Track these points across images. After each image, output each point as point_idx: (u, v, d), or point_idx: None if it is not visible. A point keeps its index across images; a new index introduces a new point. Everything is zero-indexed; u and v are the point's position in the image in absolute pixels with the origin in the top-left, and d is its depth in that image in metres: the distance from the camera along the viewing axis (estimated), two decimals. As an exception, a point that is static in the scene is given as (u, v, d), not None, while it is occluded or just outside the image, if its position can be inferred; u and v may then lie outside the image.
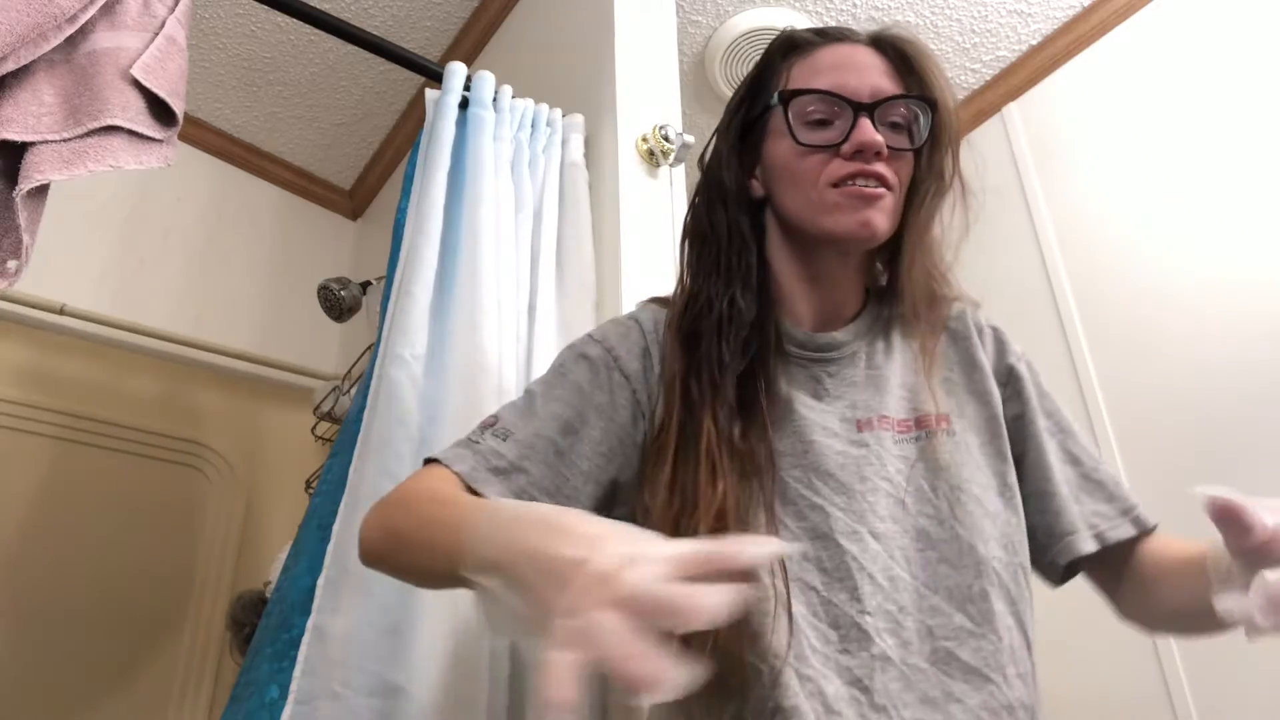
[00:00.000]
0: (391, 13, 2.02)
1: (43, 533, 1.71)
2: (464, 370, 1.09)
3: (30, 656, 1.63)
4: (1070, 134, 1.96)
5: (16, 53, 0.91)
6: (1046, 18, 2.01)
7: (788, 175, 0.77)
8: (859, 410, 0.75)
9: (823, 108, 0.75)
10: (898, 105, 0.75)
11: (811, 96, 0.75)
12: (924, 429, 0.75)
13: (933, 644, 0.66)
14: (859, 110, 0.73)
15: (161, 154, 1.02)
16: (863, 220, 0.73)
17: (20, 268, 0.94)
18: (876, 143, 0.72)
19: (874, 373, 0.78)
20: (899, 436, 0.75)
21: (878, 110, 0.74)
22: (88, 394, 1.87)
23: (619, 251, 1.27)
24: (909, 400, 0.77)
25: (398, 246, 1.24)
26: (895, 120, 0.76)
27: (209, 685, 1.81)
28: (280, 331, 2.23)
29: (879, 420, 0.75)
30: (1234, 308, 1.57)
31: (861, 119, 0.73)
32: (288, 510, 2.02)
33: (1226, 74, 1.72)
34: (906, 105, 0.76)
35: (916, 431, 0.75)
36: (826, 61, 0.77)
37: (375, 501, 0.72)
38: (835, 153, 0.74)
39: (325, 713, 0.85)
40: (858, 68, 0.76)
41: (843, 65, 0.76)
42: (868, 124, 0.73)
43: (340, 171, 2.51)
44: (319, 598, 0.93)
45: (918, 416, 0.76)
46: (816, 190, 0.74)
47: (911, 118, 0.76)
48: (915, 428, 0.75)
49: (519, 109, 1.38)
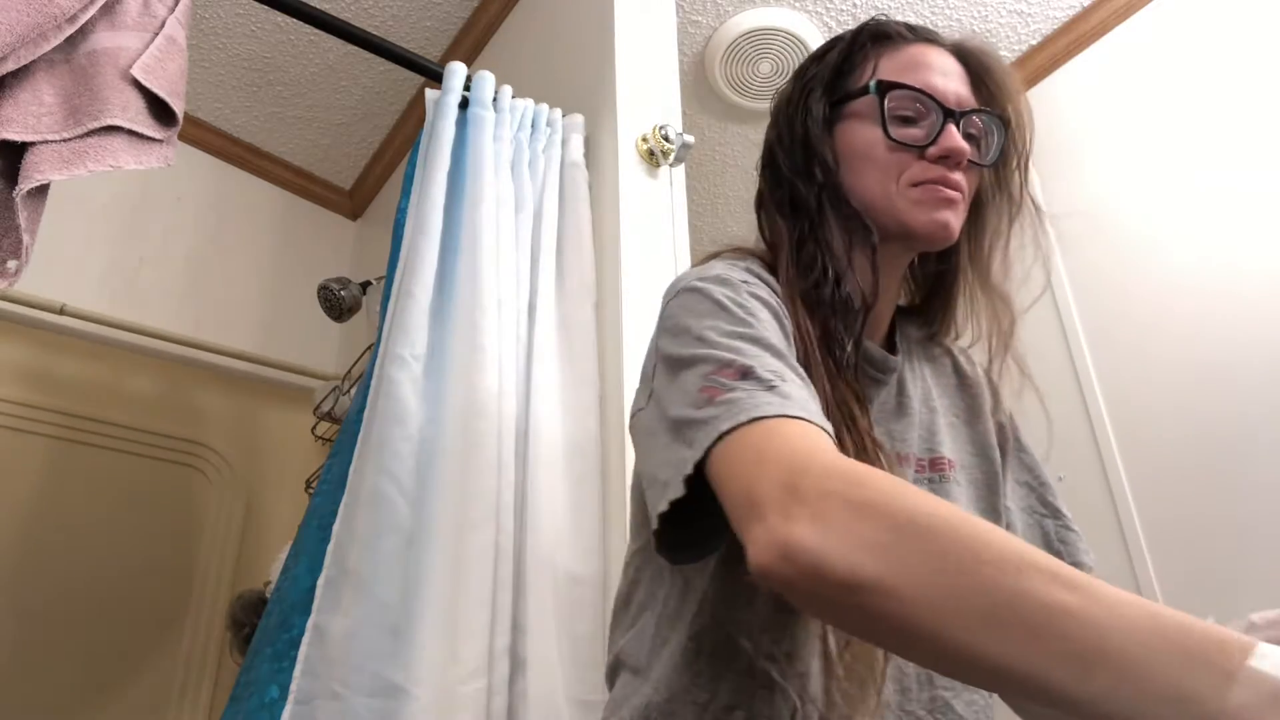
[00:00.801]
0: (391, 13, 2.02)
1: (43, 533, 1.71)
2: (464, 370, 1.09)
3: (30, 656, 1.63)
4: (1070, 134, 1.96)
5: (16, 53, 0.91)
6: (1046, 18, 2.01)
7: (869, 164, 0.74)
8: (893, 441, 0.74)
9: (913, 105, 0.73)
10: (977, 117, 0.75)
11: (906, 92, 0.73)
12: (938, 472, 0.74)
13: (931, 692, 0.66)
14: (948, 115, 0.72)
15: (161, 154, 1.02)
16: (942, 221, 0.72)
17: (20, 268, 0.94)
18: (965, 150, 0.71)
19: (903, 400, 0.77)
20: (916, 476, 0.74)
21: (964, 119, 0.73)
22: (88, 394, 1.87)
23: (619, 251, 1.27)
24: (925, 439, 0.76)
25: (398, 246, 1.24)
26: (971, 132, 0.75)
27: (209, 685, 1.81)
28: (280, 331, 2.23)
29: (900, 457, 0.73)
30: (1235, 308, 1.57)
31: (950, 124, 0.72)
32: (288, 510, 2.03)
33: (1226, 74, 1.72)
34: (984, 118, 0.75)
35: (931, 473, 0.74)
36: (916, 59, 0.75)
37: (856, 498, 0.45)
38: (920, 154, 0.72)
39: (325, 713, 0.85)
40: (944, 72, 0.75)
41: (932, 66, 0.75)
42: (955, 130, 0.72)
43: (340, 171, 2.51)
44: (319, 598, 0.93)
45: (932, 458, 0.75)
46: (897, 186, 0.72)
47: (985, 132, 0.76)
48: (930, 469, 0.74)
49: (519, 109, 1.38)
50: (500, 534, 1.01)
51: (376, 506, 0.97)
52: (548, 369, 1.17)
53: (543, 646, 0.98)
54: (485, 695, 0.92)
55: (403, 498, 0.98)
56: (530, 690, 0.94)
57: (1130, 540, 1.57)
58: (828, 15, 2.02)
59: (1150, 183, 1.78)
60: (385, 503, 0.98)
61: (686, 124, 1.48)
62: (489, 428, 1.06)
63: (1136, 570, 1.53)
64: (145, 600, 1.80)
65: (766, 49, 2.05)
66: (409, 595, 0.92)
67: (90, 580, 1.74)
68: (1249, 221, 1.60)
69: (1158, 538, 1.54)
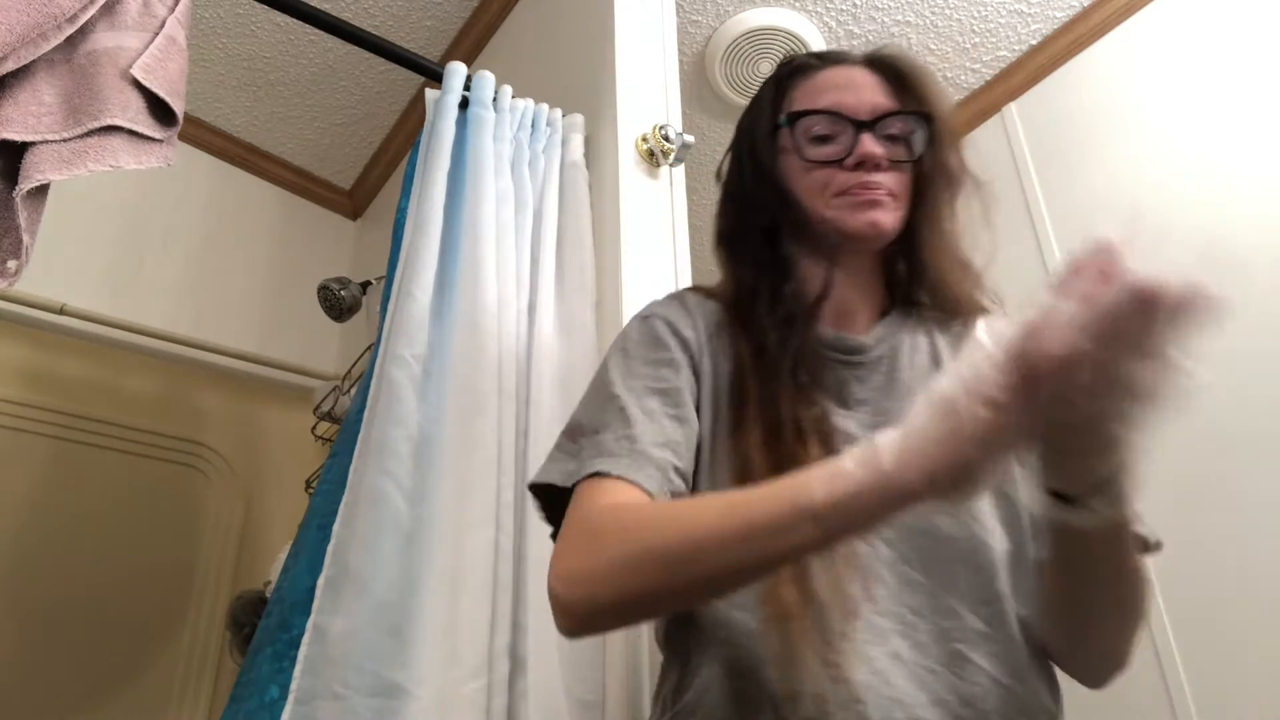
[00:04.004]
0: (391, 13, 2.02)
1: (42, 533, 1.71)
2: (464, 370, 1.09)
3: (30, 656, 1.63)
4: (1070, 134, 1.96)
5: (16, 53, 0.91)
6: (1046, 18, 2.01)
7: (802, 186, 0.82)
8: (880, 418, 0.76)
9: (825, 125, 0.81)
10: (895, 120, 0.81)
11: (814, 116, 0.81)
12: None
13: (949, 646, 0.66)
14: (859, 127, 0.79)
15: (161, 154, 1.02)
16: (869, 220, 0.78)
17: (20, 268, 0.94)
18: (876, 155, 0.78)
19: (896, 377, 0.79)
20: None
21: (877, 125, 0.80)
22: (87, 394, 1.87)
23: (619, 251, 1.27)
24: None
25: (398, 246, 1.24)
26: (893, 133, 0.81)
27: (209, 685, 1.81)
28: (280, 331, 2.23)
29: None
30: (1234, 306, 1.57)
31: (862, 134, 0.79)
32: (288, 510, 2.02)
33: (1227, 74, 1.72)
34: (903, 120, 0.81)
35: None
36: (827, 83, 0.83)
37: (559, 561, 0.65)
38: (840, 166, 0.79)
39: (325, 713, 0.85)
40: (855, 87, 0.82)
41: (842, 85, 0.82)
42: (868, 138, 0.79)
43: (340, 171, 2.51)
44: (319, 598, 0.93)
45: None
46: (824, 200, 0.80)
47: (909, 131, 0.82)
48: None
49: (519, 109, 1.38)
50: (500, 534, 1.01)
51: (376, 506, 0.97)
52: (547, 369, 1.17)
53: (543, 646, 0.98)
54: (485, 695, 0.92)
55: (403, 498, 0.98)
56: (531, 690, 0.94)
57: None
58: (828, 15, 2.02)
59: (1150, 181, 1.78)
60: (385, 503, 0.98)
61: (686, 124, 1.48)
62: (489, 428, 1.06)
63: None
64: (145, 600, 1.80)
65: (766, 49, 2.05)
66: (409, 595, 0.92)
67: (90, 580, 1.74)
68: (1250, 220, 1.60)
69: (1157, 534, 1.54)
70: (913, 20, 2.03)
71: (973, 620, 0.67)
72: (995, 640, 0.67)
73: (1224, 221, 1.63)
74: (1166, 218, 1.45)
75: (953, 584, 0.68)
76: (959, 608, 0.67)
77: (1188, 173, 1.72)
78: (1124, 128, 1.86)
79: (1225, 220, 1.63)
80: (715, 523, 0.57)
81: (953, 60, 2.12)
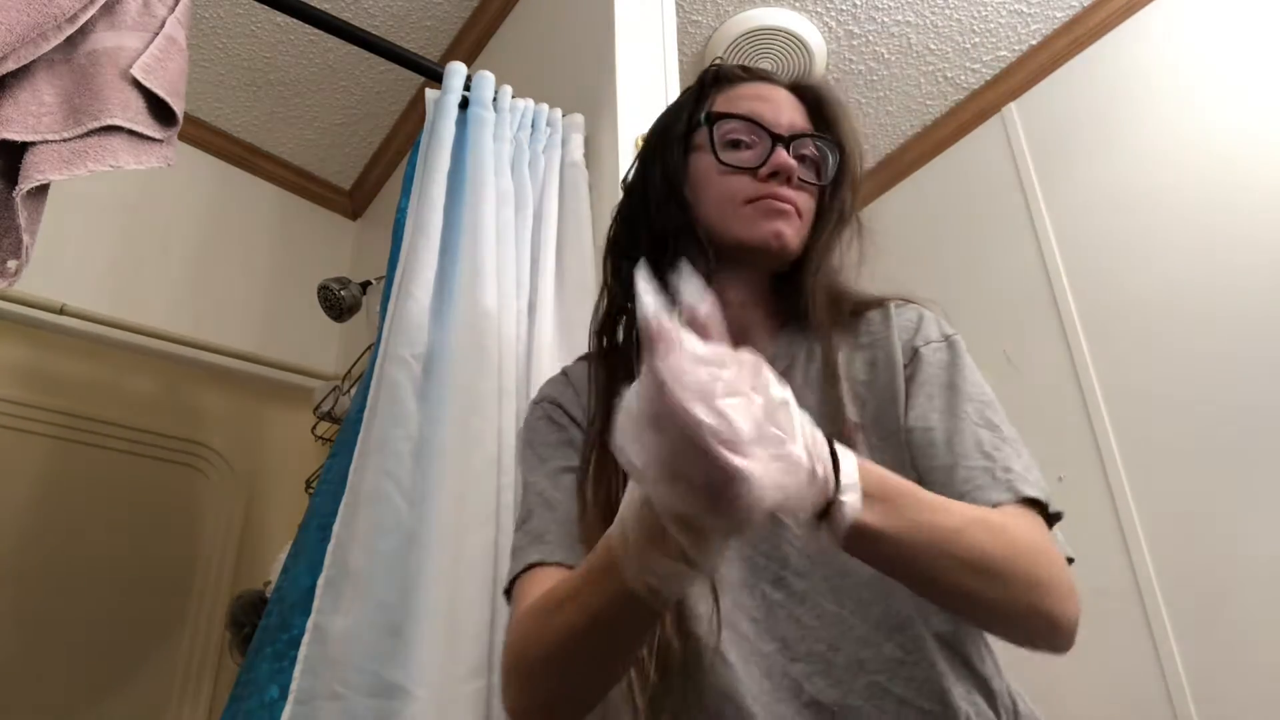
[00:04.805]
0: (391, 13, 2.02)
1: (42, 533, 1.71)
2: (464, 370, 1.09)
3: (30, 656, 1.63)
4: (1070, 134, 1.96)
5: (16, 52, 0.91)
6: (1046, 18, 2.01)
7: (708, 189, 0.81)
8: None
9: (743, 131, 0.81)
10: (809, 142, 0.82)
11: (735, 120, 0.81)
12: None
13: (866, 679, 0.65)
14: (776, 139, 0.80)
15: (161, 154, 1.02)
16: (774, 230, 0.78)
17: (20, 268, 0.94)
18: (791, 167, 0.79)
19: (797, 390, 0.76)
20: None
21: (793, 142, 0.80)
22: (87, 394, 1.87)
23: (619, 251, 1.27)
24: (825, 418, 0.74)
25: (398, 246, 1.24)
26: (806, 154, 0.82)
27: (209, 685, 1.81)
28: (280, 331, 2.23)
29: None
30: (1234, 308, 1.57)
31: (779, 147, 0.79)
32: (288, 510, 2.02)
33: (1226, 74, 1.72)
34: (817, 144, 0.83)
35: None
36: (750, 93, 0.84)
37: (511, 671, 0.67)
38: (753, 175, 0.79)
39: (326, 713, 0.85)
40: (777, 103, 0.83)
41: (764, 98, 0.83)
42: (783, 151, 0.79)
43: (340, 171, 2.51)
44: (319, 598, 0.93)
45: (829, 434, 0.74)
46: (733, 205, 0.79)
47: (821, 157, 0.83)
48: None
49: (519, 109, 1.38)
50: (500, 534, 1.01)
51: (376, 506, 0.97)
52: (547, 369, 1.17)
53: (543, 646, 0.97)
54: (485, 695, 0.92)
55: (403, 498, 0.98)
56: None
57: (1130, 539, 1.57)
58: (827, 15, 2.02)
59: (1151, 181, 1.78)
60: (385, 503, 0.98)
61: (686, 124, 1.48)
62: (489, 428, 1.06)
63: (1136, 569, 1.53)
64: (145, 600, 1.80)
65: (766, 49, 2.05)
66: (409, 595, 0.92)
67: (90, 580, 1.74)
68: (1250, 220, 1.60)
69: (1157, 535, 1.55)
70: (913, 20, 2.03)
71: (889, 649, 0.66)
72: (913, 664, 0.66)
73: (1227, 221, 1.63)
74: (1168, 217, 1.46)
75: (867, 613, 0.67)
76: (874, 636, 0.67)
77: (1189, 172, 1.72)
78: (1124, 127, 1.86)
79: (1228, 220, 1.63)
80: (567, 621, 0.59)
81: (953, 60, 2.12)
